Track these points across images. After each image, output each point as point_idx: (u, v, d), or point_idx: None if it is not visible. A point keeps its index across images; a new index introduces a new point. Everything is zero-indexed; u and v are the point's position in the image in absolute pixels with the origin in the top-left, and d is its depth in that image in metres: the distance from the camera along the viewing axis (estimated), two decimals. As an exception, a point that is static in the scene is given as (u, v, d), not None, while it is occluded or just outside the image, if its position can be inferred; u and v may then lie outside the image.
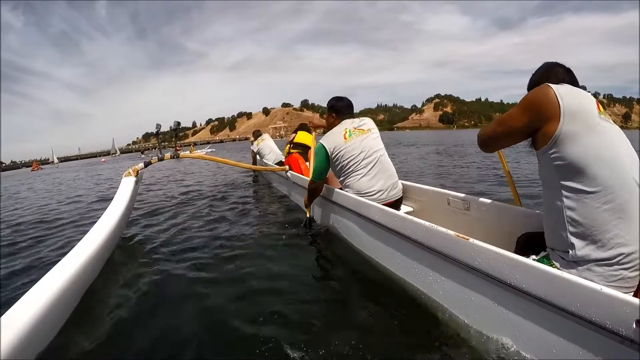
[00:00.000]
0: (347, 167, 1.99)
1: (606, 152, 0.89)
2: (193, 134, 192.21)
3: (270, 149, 5.35)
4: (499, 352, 1.04)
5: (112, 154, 53.22)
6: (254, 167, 4.53)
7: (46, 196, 6.61)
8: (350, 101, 2.20)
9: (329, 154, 2.02)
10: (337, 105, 2.17)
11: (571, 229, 0.92)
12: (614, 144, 0.92)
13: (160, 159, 2.82)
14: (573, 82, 1.06)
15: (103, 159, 33.89)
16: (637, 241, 0.86)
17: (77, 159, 62.02)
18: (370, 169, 1.96)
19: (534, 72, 1.16)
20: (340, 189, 2.11)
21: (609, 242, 0.87)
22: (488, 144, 1.20)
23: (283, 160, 4.53)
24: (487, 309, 1.08)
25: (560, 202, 0.94)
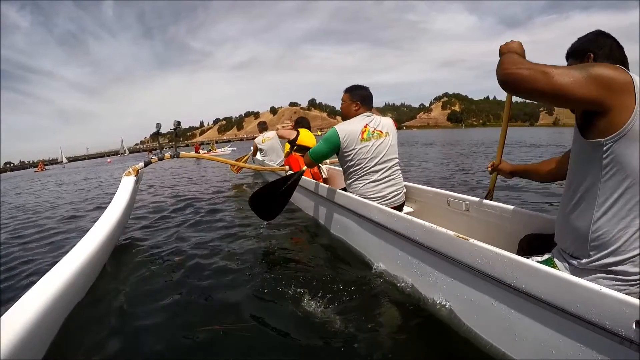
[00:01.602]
0: (356, 169, 1.91)
1: None
2: (201, 134, 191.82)
3: (275, 152, 5.11)
4: (499, 352, 1.04)
5: (121, 153, 53.50)
6: (254, 167, 4.51)
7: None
8: (371, 92, 2.04)
9: (341, 144, 1.88)
10: (362, 94, 1.98)
11: (594, 243, 0.85)
12: None
13: (161, 159, 2.82)
14: (624, 61, 0.93)
15: (109, 160, 33.97)
16: None
17: (85, 159, 62.76)
18: (378, 176, 1.88)
19: (579, 37, 1.01)
20: (344, 188, 2.10)
21: (625, 258, 0.83)
22: (521, 85, 0.82)
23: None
24: (487, 309, 1.08)
25: (591, 204, 0.85)
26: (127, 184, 2.45)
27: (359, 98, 1.97)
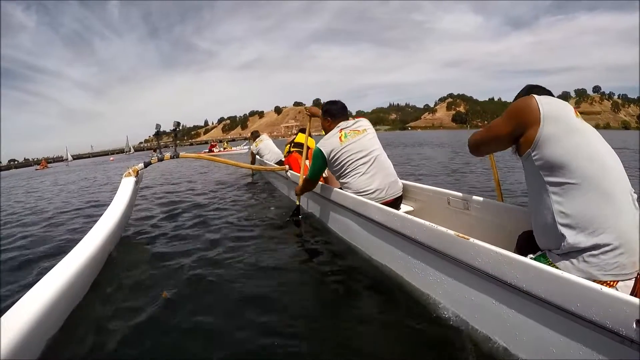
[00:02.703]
0: (345, 167, 2.01)
1: (585, 147, 0.96)
2: (205, 132, 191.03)
3: (269, 149, 5.34)
4: (499, 351, 1.04)
5: (127, 151, 53.88)
6: (254, 167, 4.52)
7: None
8: (343, 104, 2.25)
9: (327, 157, 2.07)
10: (331, 109, 2.21)
11: (560, 220, 0.95)
12: (591, 140, 0.98)
13: (160, 159, 2.82)
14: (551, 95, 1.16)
15: (111, 158, 34.09)
16: (625, 225, 0.89)
17: (89, 157, 63.55)
18: (368, 168, 1.98)
19: (517, 94, 1.27)
20: (340, 188, 2.11)
21: (598, 228, 0.89)
22: (476, 148, 1.30)
23: (283, 159, 4.53)
24: (487, 308, 1.08)
25: (547, 198, 0.98)
26: (126, 185, 2.45)
27: (328, 114, 2.21)
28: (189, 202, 4.17)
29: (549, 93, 1.19)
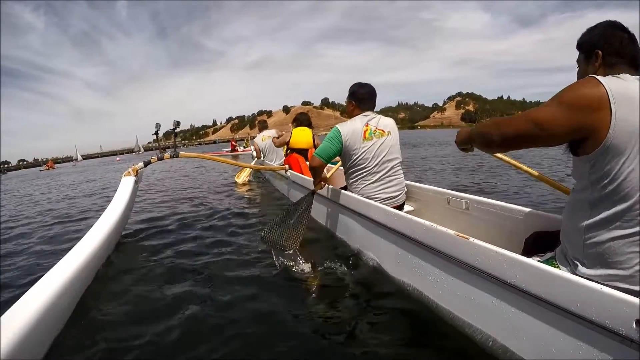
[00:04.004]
0: (358, 168, 1.90)
1: None
2: (213, 132, 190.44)
3: (275, 153, 4.87)
4: (499, 351, 1.04)
5: (136, 151, 54.37)
6: (254, 166, 4.50)
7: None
8: (373, 89, 1.99)
9: (343, 142, 1.87)
10: (358, 93, 1.96)
11: (587, 250, 0.86)
12: None
13: (160, 159, 2.82)
14: (635, 58, 0.89)
15: (118, 158, 34.15)
16: None
17: (97, 157, 64.72)
18: (381, 176, 1.88)
19: (589, 28, 0.95)
20: (345, 186, 2.10)
21: (624, 272, 0.81)
22: (502, 143, 0.95)
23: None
24: (487, 308, 1.08)
25: (584, 218, 0.86)
26: (126, 185, 2.45)
27: (354, 98, 1.98)
28: (189, 202, 4.17)
29: (636, 47, 0.88)
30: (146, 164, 2.77)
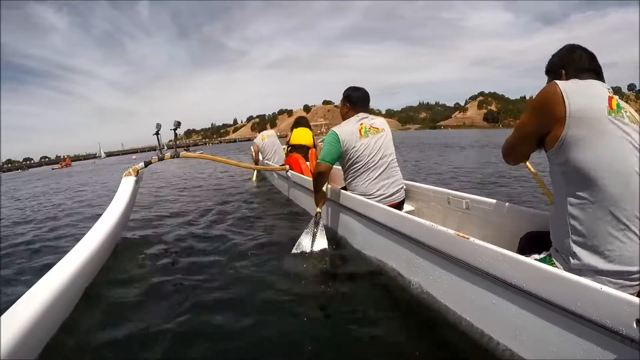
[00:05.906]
0: (356, 166, 1.92)
1: (613, 160, 0.85)
2: (234, 131, 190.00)
3: (274, 150, 4.77)
4: (499, 351, 1.04)
5: (98, 156, 55.30)
6: (254, 166, 4.49)
7: None
8: (366, 92, 2.07)
9: (341, 143, 1.91)
10: (352, 96, 2.05)
11: (574, 237, 0.90)
12: (621, 149, 0.85)
13: (161, 159, 2.82)
14: (595, 70, 1.01)
15: (134, 157, 34.60)
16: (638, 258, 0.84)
17: (119, 154, 65.83)
18: (379, 174, 1.91)
19: (553, 54, 1.09)
20: (344, 187, 2.10)
21: (611, 254, 0.85)
22: (508, 153, 1.15)
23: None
24: (487, 307, 1.08)
25: (565, 209, 0.92)
26: (126, 185, 2.44)
27: (348, 101, 2.06)
28: (189, 202, 4.17)
29: (594, 62, 1.01)
30: (147, 164, 2.76)
